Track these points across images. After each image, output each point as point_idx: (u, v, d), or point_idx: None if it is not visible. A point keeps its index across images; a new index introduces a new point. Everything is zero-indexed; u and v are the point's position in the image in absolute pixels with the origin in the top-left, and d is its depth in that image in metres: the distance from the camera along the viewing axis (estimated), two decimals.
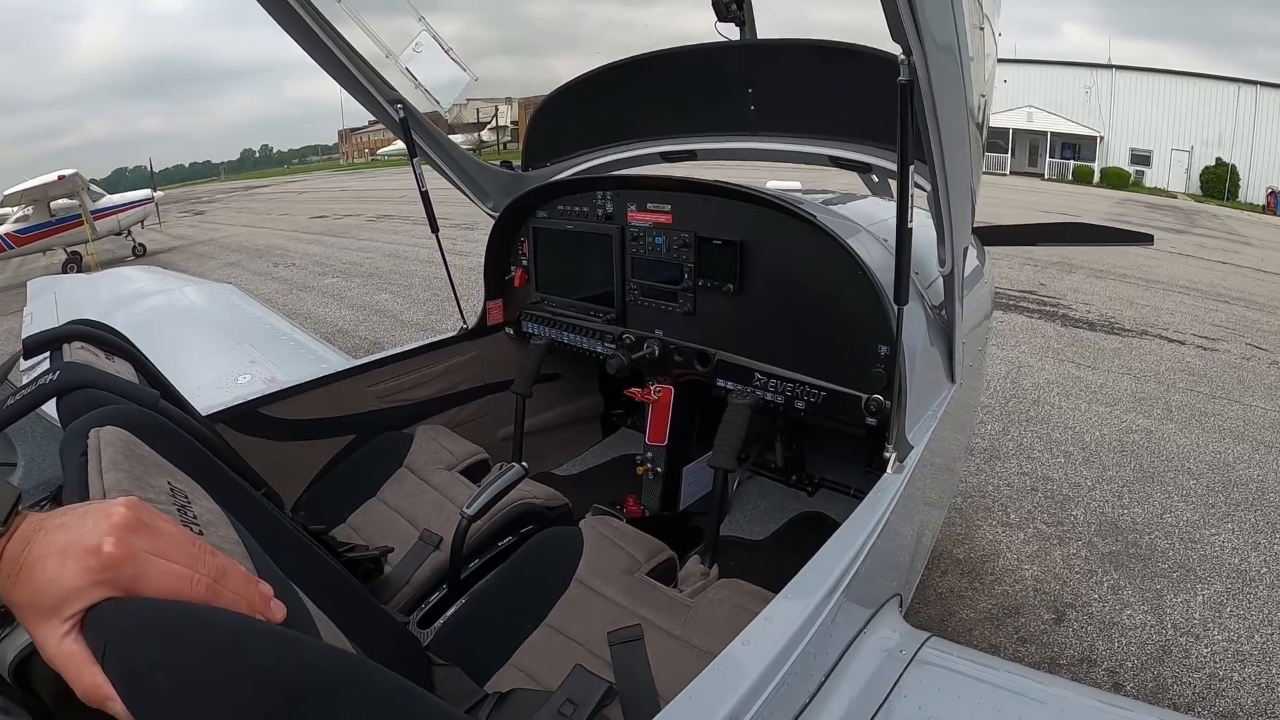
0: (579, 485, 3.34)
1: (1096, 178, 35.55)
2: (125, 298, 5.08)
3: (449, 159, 2.85)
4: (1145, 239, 3.62)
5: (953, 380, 2.18)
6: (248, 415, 2.39)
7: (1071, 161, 36.99)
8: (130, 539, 0.67)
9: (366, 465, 2.47)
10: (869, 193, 2.96)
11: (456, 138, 2.85)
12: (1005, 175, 35.32)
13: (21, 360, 1.58)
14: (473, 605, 1.85)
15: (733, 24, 2.50)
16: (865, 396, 2.14)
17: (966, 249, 1.90)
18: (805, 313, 2.30)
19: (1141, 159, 36.12)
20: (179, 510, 0.86)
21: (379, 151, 70.22)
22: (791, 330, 2.35)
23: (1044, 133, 37.16)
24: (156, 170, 21.86)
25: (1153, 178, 35.48)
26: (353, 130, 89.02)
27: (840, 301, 2.17)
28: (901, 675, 1.42)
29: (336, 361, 3.42)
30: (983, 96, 1.76)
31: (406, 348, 2.89)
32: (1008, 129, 37.17)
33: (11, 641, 1.18)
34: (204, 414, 1.90)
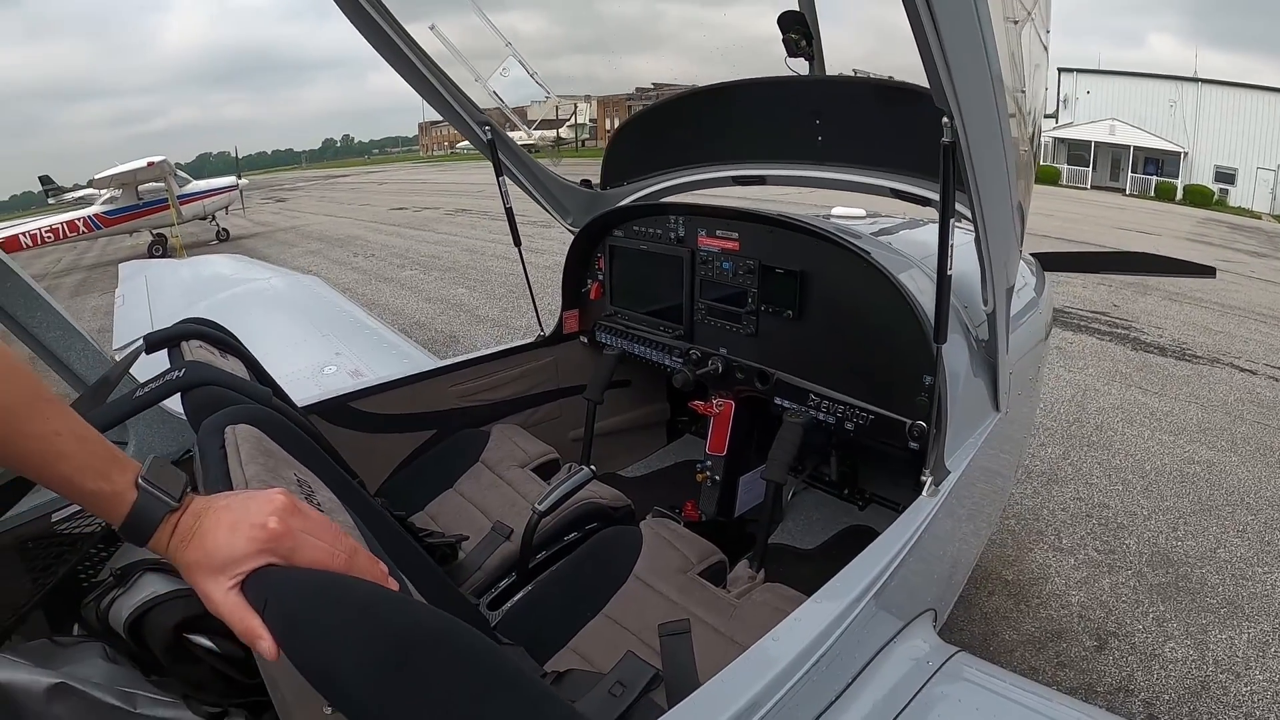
0: (642, 486, 3.49)
1: (1179, 195, 34.10)
2: (212, 284, 5.31)
3: (532, 177, 3.02)
4: (1208, 272, 3.61)
5: (997, 409, 2.27)
6: (339, 408, 2.59)
7: (1154, 177, 35.46)
8: (289, 519, 0.85)
9: (445, 459, 2.64)
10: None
11: (515, 132, 3.01)
12: (1086, 190, 34.21)
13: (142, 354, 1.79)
14: (538, 593, 2.00)
15: (802, 59, 2.62)
16: (909, 422, 2.23)
17: (1010, 289, 1.98)
18: (858, 341, 2.39)
19: (1226, 177, 34.46)
20: (306, 498, 1.01)
21: (458, 145, 71.22)
22: (845, 356, 2.45)
23: (1126, 146, 35.72)
24: (240, 156, 22.64)
25: (1237, 196, 33.83)
26: (433, 123, 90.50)
27: (890, 332, 2.26)
28: (925, 685, 1.49)
29: (418, 359, 3.63)
30: (1025, 149, 1.83)
31: (487, 351, 3.05)
32: (1089, 142, 36.01)
33: (125, 601, 1.38)
34: (300, 405, 2.10)
